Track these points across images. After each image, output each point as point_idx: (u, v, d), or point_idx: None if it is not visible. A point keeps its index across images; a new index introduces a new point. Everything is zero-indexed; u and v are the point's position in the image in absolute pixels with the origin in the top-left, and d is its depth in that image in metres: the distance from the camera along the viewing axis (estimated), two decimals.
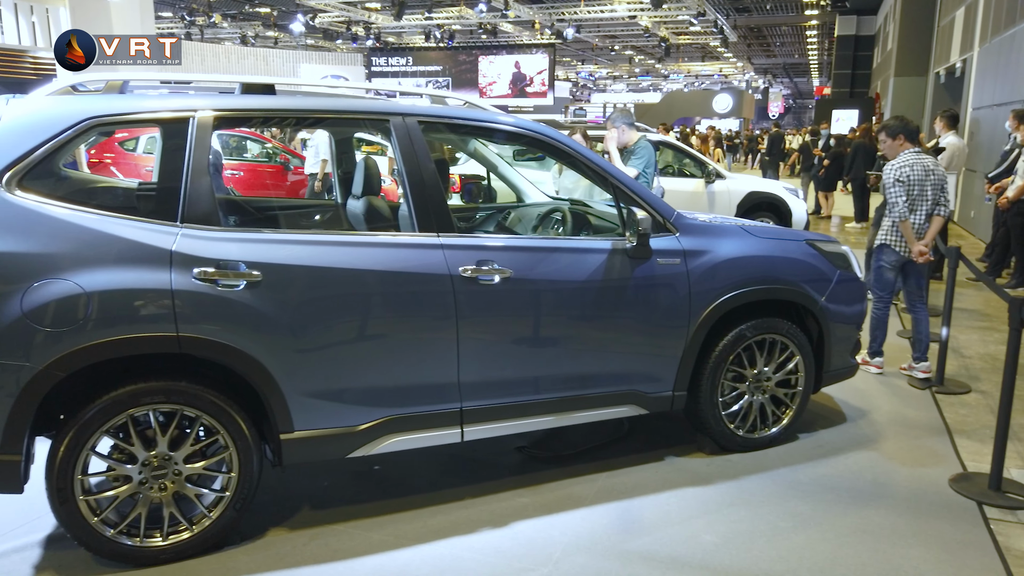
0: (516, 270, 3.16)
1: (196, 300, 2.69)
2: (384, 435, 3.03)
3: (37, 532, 3.02)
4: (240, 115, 2.99)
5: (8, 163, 2.58)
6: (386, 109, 3.17)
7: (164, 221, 2.73)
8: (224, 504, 2.86)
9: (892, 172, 4.67)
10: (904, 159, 4.69)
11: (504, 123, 3.37)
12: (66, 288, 2.55)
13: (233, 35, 33.59)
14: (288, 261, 2.84)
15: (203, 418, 2.78)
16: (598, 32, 34.71)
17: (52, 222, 2.59)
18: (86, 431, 2.63)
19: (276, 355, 2.81)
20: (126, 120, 2.86)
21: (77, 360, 2.57)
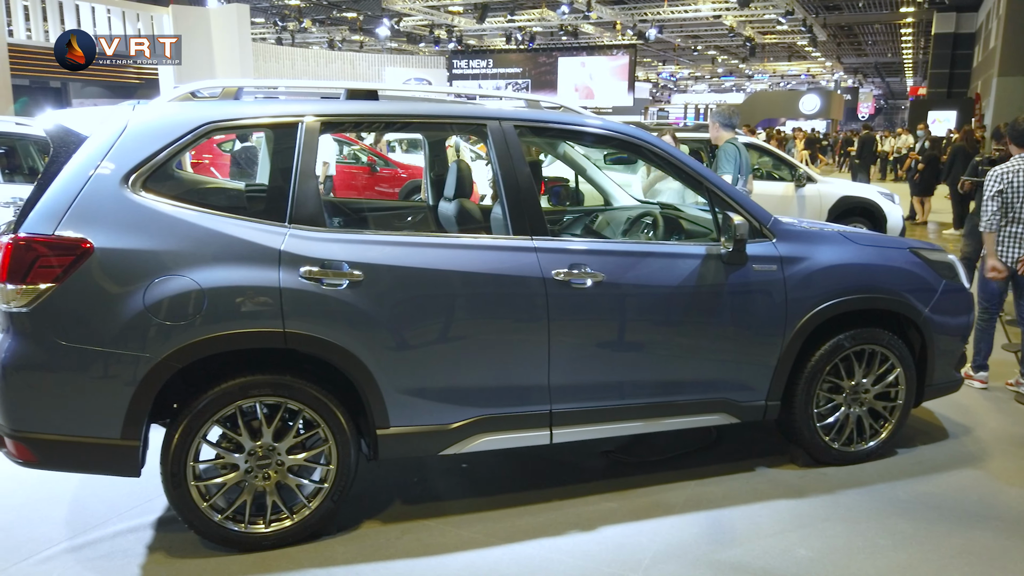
0: (608, 274, 3.16)
1: (302, 298, 2.79)
2: (475, 434, 3.08)
3: (149, 514, 3.20)
4: (345, 120, 3.10)
5: (134, 165, 2.75)
6: (483, 113, 3.22)
7: (273, 222, 2.85)
8: (323, 495, 2.96)
9: (994, 177, 4.44)
10: (1010, 165, 4.45)
11: (598, 127, 3.37)
12: (184, 284, 2.69)
13: (321, 39, 34.63)
14: (388, 262, 2.92)
15: (305, 411, 2.89)
16: (680, 32, 34.20)
17: (172, 221, 2.74)
18: (199, 420, 2.77)
19: (375, 352, 2.89)
20: (240, 125, 3.00)
21: (193, 352, 2.71)
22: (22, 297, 2.60)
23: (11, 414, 2.68)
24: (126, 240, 2.68)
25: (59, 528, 3.09)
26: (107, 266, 2.65)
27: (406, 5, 26.24)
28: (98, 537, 3.02)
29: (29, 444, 2.69)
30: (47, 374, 2.67)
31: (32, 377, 2.67)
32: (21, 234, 2.62)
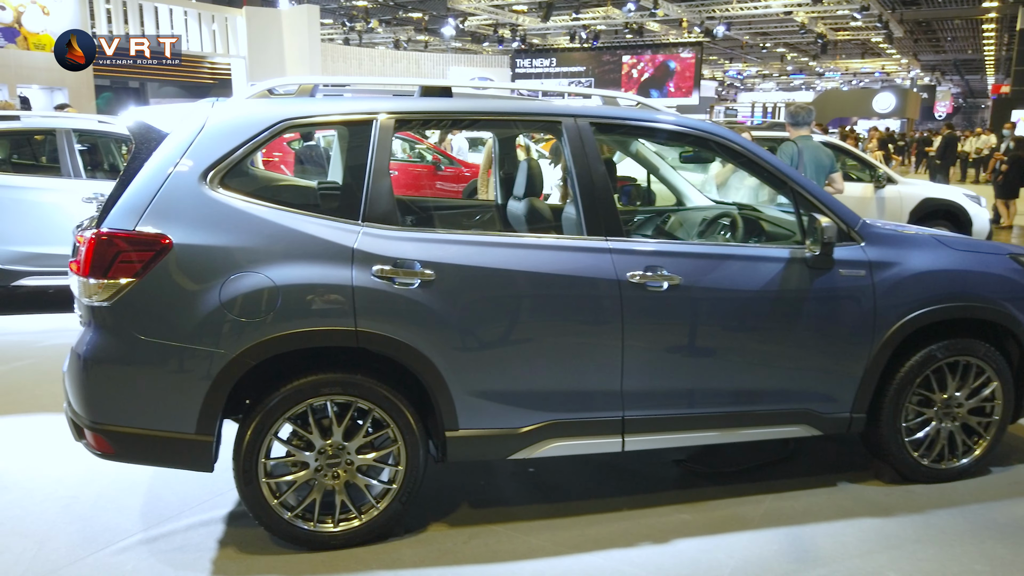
0: (686, 277, 3.04)
1: (374, 297, 2.76)
2: (545, 439, 3.01)
3: (221, 507, 3.22)
4: (419, 117, 3.06)
5: (212, 162, 2.76)
6: (558, 111, 3.14)
7: (347, 220, 2.83)
8: (391, 496, 2.93)
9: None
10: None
11: (679, 124, 3.26)
12: (259, 281, 2.69)
13: (387, 40, 35.07)
14: (460, 261, 2.87)
15: (375, 411, 2.86)
16: (749, 29, 33.43)
17: (248, 218, 2.75)
18: (271, 417, 2.77)
19: (445, 353, 2.85)
20: (315, 122, 3.00)
21: (266, 349, 2.71)
22: (104, 291, 2.64)
23: (91, 406, 2.72)
24: (203, 236, 2.70)
25: (134, 519, 3.13)
26: (185, 262, 2.67)
27: (471, 4, 26.34)
28: (171, 529, 3.06)
29: (107, 436, 2.73)
30: (126, 368, 2.70)
31: (111, 370, 2.70)
32: (103, 229, 2.66)
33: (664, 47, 33.11)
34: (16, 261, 6.19)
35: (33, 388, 4.65)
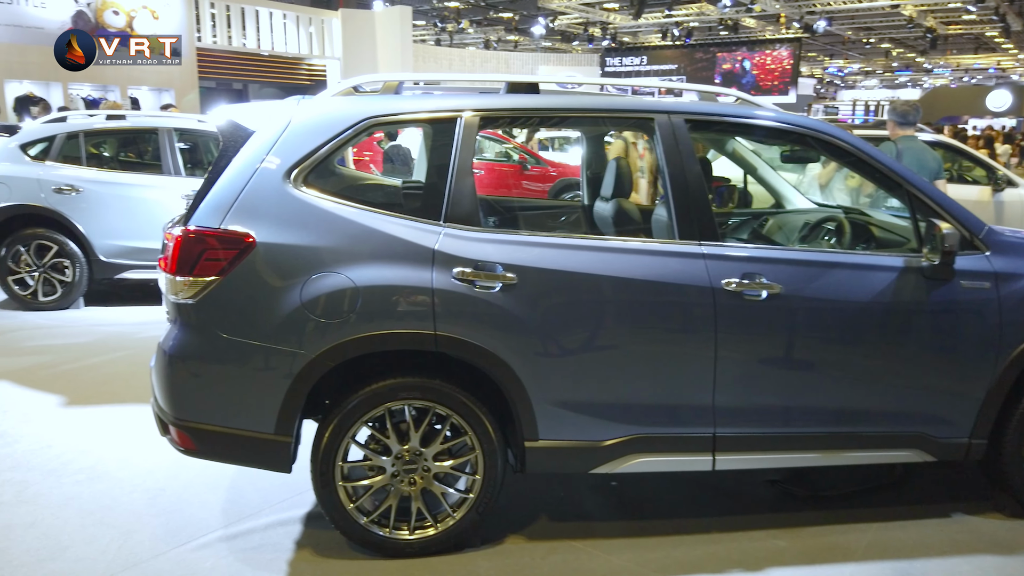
0: (787, 286, 2.82)
1: (454, 300, 2.68)
2: (630, 454, 2.85)
3: (299, 508, 3.21)
4: (505, 114, 2.96)
5: (296, 160, 2.73)
6: (651, 107, 2.97)
7: (428, 220, 2.76)
8: (468, 506, 2.84)
9: None
10: None
11: (781, 120, 3.03)
12: (340, 282, 2.64)
13: (477, 40, 35.31)
14: (544, 265, 2.75)
15: (453, 417, 2.77)
16: (852, 24, 31.94)
17: (331, 217, 2.71)
18: (348, 420, 2.72)
19: (526, 360, 2.73)
20: (399, 120, 2.94)
21: (346, 351, 2.66)
22: (189, 288, 2.65)
23: (175, 403, 2.74)
24: (286, 235, 2.67)
25: (216, 515, 3.16)
26: (268, 260, 2.65)
27: (562, 3, 26.18)
28: (250, 528, 3.06)
29: (190, 433, 2.74)
30: (209, 365, 2.71)
31: (195, 368, 2.71)
32: (190, 227, 2.67)
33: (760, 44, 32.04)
34: (119, 255, 6.45)
35: (128, 379, 4.81)
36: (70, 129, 6.54)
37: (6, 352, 5.37)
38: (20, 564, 2.77)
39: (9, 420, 4.11)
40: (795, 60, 29.89)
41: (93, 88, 13.81)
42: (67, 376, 4.85)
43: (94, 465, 3.59)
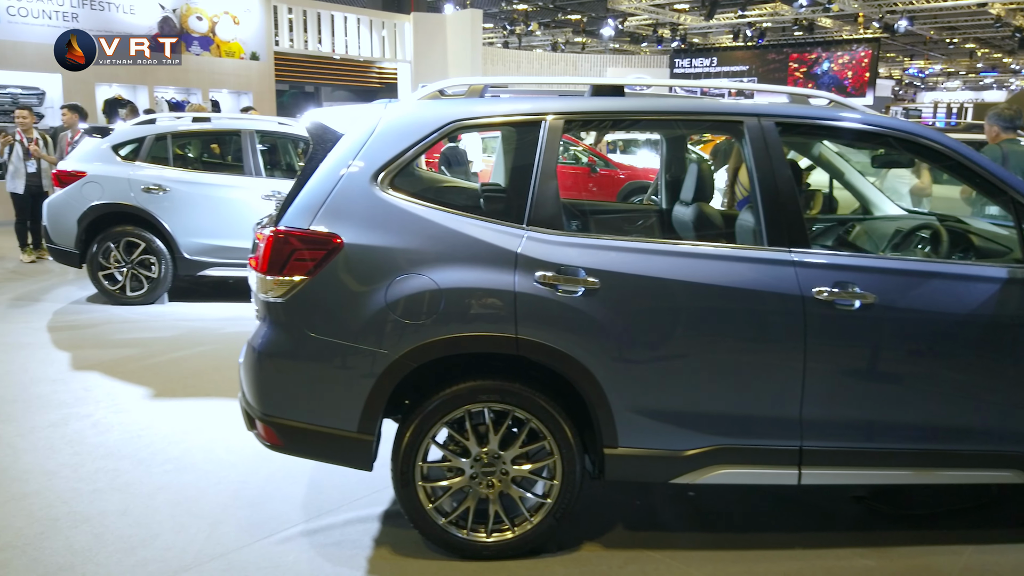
0: (881, 296, 2.72)
1: (536, 304, 2.67)
2: (712, 465, 2.78)
3: (377, 505, 3.25)
4: (589, 117, 2.93)
5: (383, 163, 2.77)
6: (740, 110, 2.90)
7: (511, 223, 2.75)
8: (545, 511, 2.83)
9: None
10: None
11: (879, 124, 2.92)
12: (424, 283, 2.66)
13: (544, 42, 35.33)
14: (627, 270, 2.71)
15: (532, 422, 2.76)
16: (934, 23, 30.71)
17: (415, 220, 2.73)
18: (429, 421, 2.74)
19: (607, 366, 2.70)
20: (484, 123, 2.94)
21: (428, 352, 2.68)
22: (279, 288, 2.71)
23: (262, 399, 2.81)
24: (372, 237, 2.71)
25: (297, 509, 3.22)
26: (354, 262, 2.69)
27: (631, 5, 25.96)
28: (330, 523, 3.11)
29: (276, 429, 2.80)
30: (296, 363, 2.76)
31: (283, 365, 2.78)
32: (280, 227, 2.73)
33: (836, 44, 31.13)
34: (202, 253, 6.68)
35: (212, 373, 4.97)
36: (158, 131, 6.80)
37: (97, 344, 5.62)
38: (114, 550, 2.88)
39: (102, 410, 4.29)
40: (873, 61, 28.90)
41: (176, 91, 14.35)
42: (154, 369, 5.04)
43: (181, 456, 3.71)
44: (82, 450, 3.75)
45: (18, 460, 3.63)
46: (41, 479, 3.43)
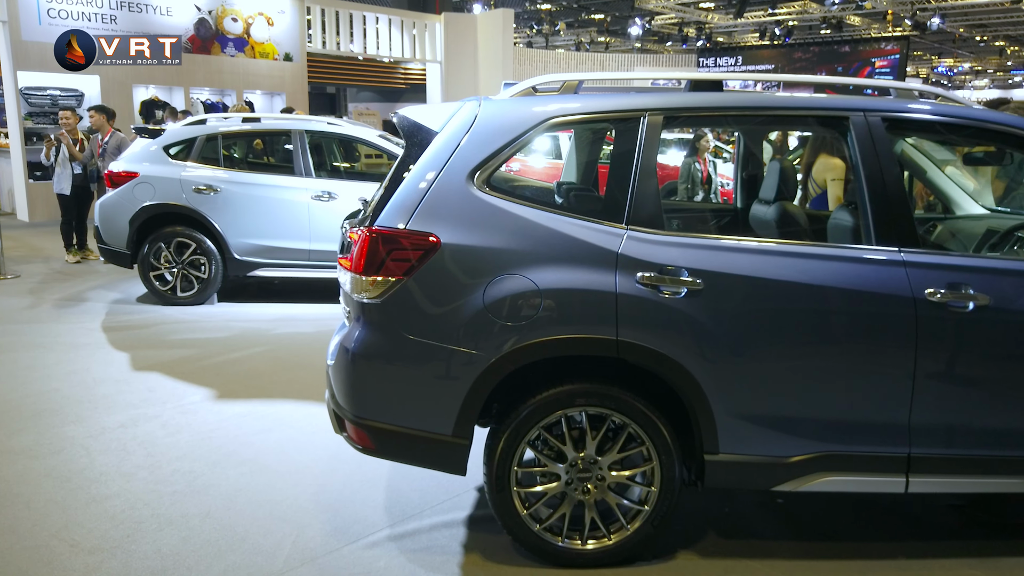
0: (995, 298, 2.62)
1: (637, 305, 2.59)
2: (817, 472, 2.70)
3: (460, 509, 3.19)
4: (688, 113, 2.85)
5: (479, 161, 2.71)
6: (847, 105, 2.80)
7: (611, 222, 2.68)
8: (642, 518, 2.75)
9: None
10: None
11: (996, 121, 2.81)
12: (522, 284, 2.60)
13: (567, 42, 35.22)
14: (731, 270, 2.63)
15: (630, 426, 2.69)
16: (966, 20, 30.25)
17: (512, 219, 2.67)
18: (526, 425, 2.68)
19: (709, 369, 2.62)
20: (580, 120, 2.87)
21: (526, 354, 2.61)
22: (374, 288, 2.65)
23: (355, 401, 2.75)
24: (469, 236, 2.65)
25: (379, 513, 3.17)
26: (451, 262, 2.64)
27: (658, 3, 25.79)
28: (416, 528, 3.05)
29: (369, 431, 2.75)
30: (391, 365, 2.71)
31: (377, 367, 2.72)
32: (376, 227, 2.67)
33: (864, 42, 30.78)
34: (252, 253, 6.66)
35: (271, 374, 4.94)
36: (209, 131, 6.80)
37: (153, 345, 5.61)
38: (204, 554, 2.84)
39: (169, 411, 4.27)
40: (902, 59, 28.53)
41: (211, 93, 14.42)
42: (213, 369, 5.02)
43: (254, 458, 3.67)
44: (155, 451, 3.73)
45: (94, 462, 3.61)
46: (119, 481, 3.41)
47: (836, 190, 4.61)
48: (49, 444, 3.80)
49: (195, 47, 13.76)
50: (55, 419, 4.13)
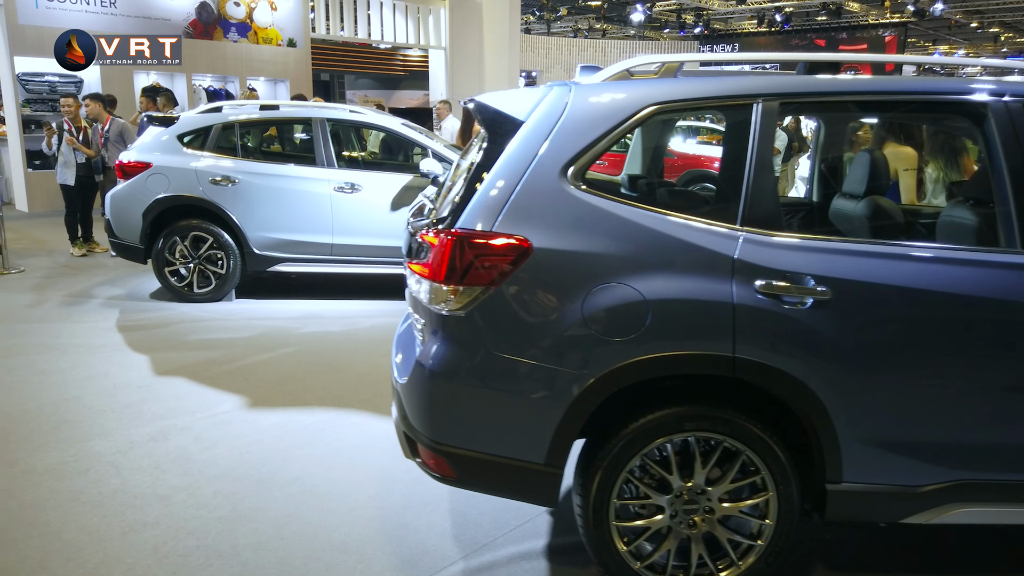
0: None
1: (757, 317, 2.29)
2: (952, 502, 2.41)
3: (535, 537, 2.90)
4: (807, 99, 2.54)
5: (574, 154, 2.40)
6: (986, 89, 2.49)
7: (723, 223, 2.38)
8: (756, 553, 2.47)
9: None
10: None
11: None
12: (627, 294, 2.30)
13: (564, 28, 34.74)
14: (860, 277, 2.33)
15: (745, 453, 2.40)
16: (963, 7, 29.93)
17: (613, 219, 2.36)
18: (628, 452, 2.38)
19: (836, 390, 2.33)
20: (687, 106, 2.56)
21: (632, 373, 2.31)
22: (457, 299, 2.35)
23: (434, 425, 2.45)
24: (566, 240, 2.34)
25: (448, 542, 2.88)
26: (546, 269, 2.33)
27: None
28: (493, 561, 2.77)
29: (449, 459, 2.45)
30: (475, 385, 2.40)
31: (459, 387, 2.41)
32: (459, 229, 2.36)
33: (862, 28, 30.50)
34: (272, 248, 6.33)
35: (305, 379, 4.63)
36: (225, 119, 6.44)
37: (174, 346, 5.29)
38: None
39: (200, 421, 3.96)
40: (900, 47, 28.26)
41: (213, 79, 13.98)
42: (241, 373, 4.70)
43: (301, 477, 3.37)
44: (191, 469, 3.42)
45: (126, 483, 3.29)
46: (157, 506, 3.10)
47: (909, 181, 4.32)
48: (75, 462, 3.48)
49: (197, 32, 13.31)
50: (78, 432, 3.81)
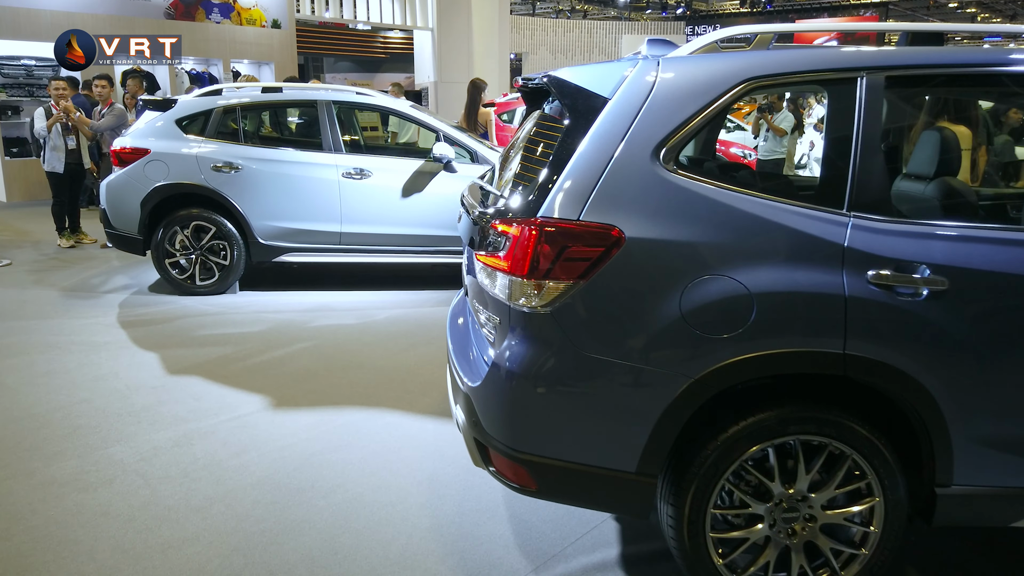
0: None
1: (871, 310, 2.11)
2: None
3: (605, 547, 2.72)
4: (917, 72, 2.33)
5: (666, 134, 2.18)
6: None
7: (829, 208, 2.18)
8: (860, 563, 2.30)
9: None
10: None
11: None
12: (729, 287, 2.10)
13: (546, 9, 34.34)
14: (979, 266, 2.15)
15: (853, 456, 2.22)
16: None
17: (711, 206, 2.15)
18: (727, 458, 2.19)
19: (951, 387, 2.15)
20: (785, 80, 2.35)
21: (735, 373, 2.12)
22: (541, 295, 2.14)
23: (514, 432, 2.25)
24: (660, 228, 2.13)
25: (514, 553, 2.68)
26: (639, 260, 2.12)
27: None
28: (565, 572, 2.58)
29: (531, 468, 2.25)
30: (561, 388, 2.19)
31: (544, 391, 2.20)
32: (541, 217, 2.14)
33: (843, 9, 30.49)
34: (277, 237, 6.05)
35: (325, 376, 4.39)
36: (226, 103, 6.12)
37: (183, 342, 5.01)
38: None
39: (224, 424, 3.71)
40: None
41: (196, 62, 13.53)
42: (260, 371, 4.45)
43: (342, 483, 3.15)
44: (224, 478, 3.19)
45: (156, 493, 3.05)
46: (194, 519, 2.87)
47: (964, 162, 4.14)
48: (97, 471, 3.23)
49: (178, 13, 12.85)
50: (95, 438, 3.55)
